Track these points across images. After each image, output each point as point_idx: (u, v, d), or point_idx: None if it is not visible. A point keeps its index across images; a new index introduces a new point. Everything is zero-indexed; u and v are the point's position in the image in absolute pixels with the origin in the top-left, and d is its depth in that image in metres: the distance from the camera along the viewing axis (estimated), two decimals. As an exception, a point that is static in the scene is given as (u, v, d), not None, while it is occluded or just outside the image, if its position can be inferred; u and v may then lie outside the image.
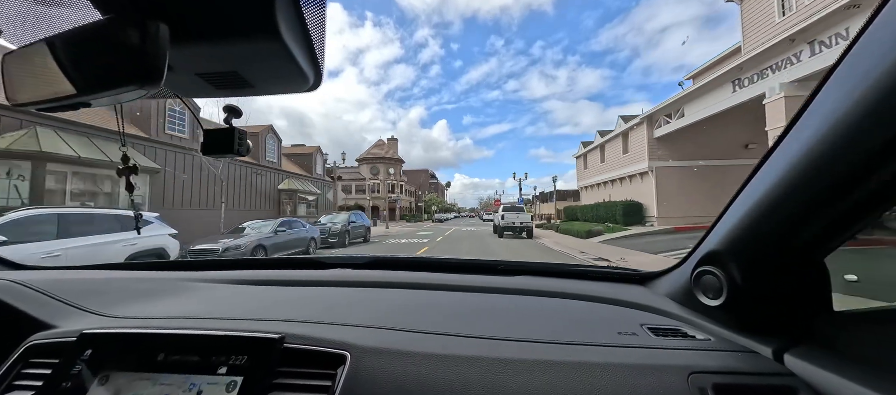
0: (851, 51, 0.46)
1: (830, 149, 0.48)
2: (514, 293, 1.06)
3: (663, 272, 1.03)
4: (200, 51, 0.45)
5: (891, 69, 0.40)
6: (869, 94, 0.43)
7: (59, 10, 0.44)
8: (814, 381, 0.55)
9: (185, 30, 0.41)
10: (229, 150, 0.70)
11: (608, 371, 0.63)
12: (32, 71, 0.44)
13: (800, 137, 0.53)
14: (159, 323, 0.83)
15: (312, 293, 1.05)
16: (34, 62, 0.43)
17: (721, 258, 0.73)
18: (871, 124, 0.43)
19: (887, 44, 0.41)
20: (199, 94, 0.57)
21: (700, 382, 0.60)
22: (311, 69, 0.49)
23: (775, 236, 0.62)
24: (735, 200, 0.69)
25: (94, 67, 0.41)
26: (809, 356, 0.58)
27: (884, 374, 0.49)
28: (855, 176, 0.48)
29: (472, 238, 17.54)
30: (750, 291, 0.69)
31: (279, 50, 0.43)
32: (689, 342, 0.73)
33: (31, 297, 0.91)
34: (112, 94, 0.41)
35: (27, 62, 0.44)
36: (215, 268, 1.34)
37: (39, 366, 0.73)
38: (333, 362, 0.67)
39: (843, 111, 0.46)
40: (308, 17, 0.44)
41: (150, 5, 0.40)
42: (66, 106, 0.45)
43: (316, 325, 0.77)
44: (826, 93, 0.50)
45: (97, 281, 1.12)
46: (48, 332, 0.80)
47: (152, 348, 0.69)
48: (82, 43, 0.41)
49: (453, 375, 0.63)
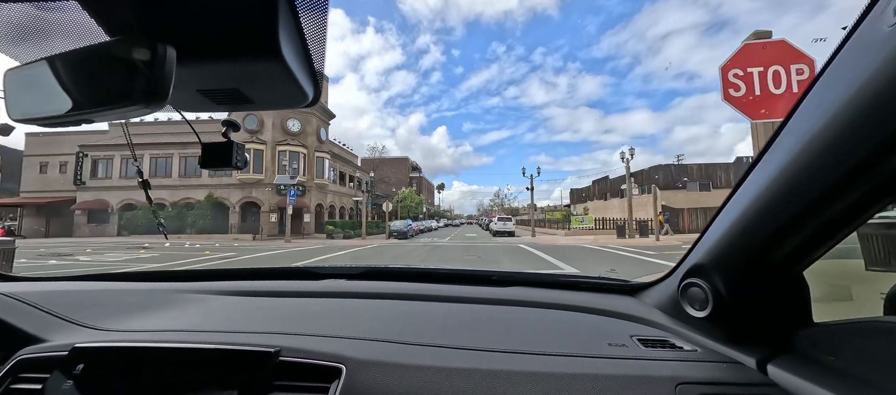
0: (824, 73, 0.49)
1: (806, 168, 0.51)
2: (507, 304, 1.06)
3: (652, 284, 1.03)
4: (203, 69, 0.46)
5: (858, 96, 0.43)
6: (842, 117, 0.45)
7: (63, 30, 0.44)
8: (796, 392, 0.57)
9: (190, 49, 0.42)
10: (227, 163, 0.69)
11: (598, 382, 0.64)
12: (35, 88, 0.44)
13: (778, 155, 0.56)
14: (152, 337, 0.82)
15: (307, 305, 1.06)
16: (37, 80, 0.43)
17: (706, 271, 0.74)
18: (845, 146, 0.46)
19: (855, 70, 0.44)
20: (199, 109, 0.57)
21: (687, 392, 0.62)
22: (310, 86, 0.51)
23: (756, 249, 0.64)
24: (719, 213, 0.71)
25: (99, 86, 0.42)
26: (791, 367, 0.60)
27: (860, 385, 0.52)
28: (830, 194, 0.51)
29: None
30: (734, 303, 0.71)
31: (280, 69, 0.44)
32: (676, 353, 0.74)
33: (22, 310, 0.89)
34: (115, 111, 0.41)
35: (30, 80, 0.44)
36: (209, 279, 1.32)
37: (29, 381, 0.71)
38: (329, 375, 0.67)
39: (817, 132, 0.49)
40: (309, 37, 0.45)
41: (157, 28, 0.41)
42: (67, 123, 0.45)
43: (311, 337, 0.77)
44: (802, 113, 0.53)
45: (90, 293, 1.12)
46: (39, 346, 0.79)
47: (146, 362, 0.68)
48: (88, 62, 0.42)
49: (448, 387, 0.64)
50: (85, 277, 1.33)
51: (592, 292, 1.14)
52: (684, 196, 26.31)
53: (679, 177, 27.98)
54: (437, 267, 1.40)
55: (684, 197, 26.16)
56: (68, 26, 0.43)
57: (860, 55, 0.44)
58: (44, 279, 1.23)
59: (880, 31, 0.41)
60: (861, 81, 0.43)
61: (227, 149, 0.68)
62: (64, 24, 0.43)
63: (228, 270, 1.39)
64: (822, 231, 0.57)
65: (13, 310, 0.87)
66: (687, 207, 24.73)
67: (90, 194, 27.13)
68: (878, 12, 0.41)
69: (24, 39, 0.44)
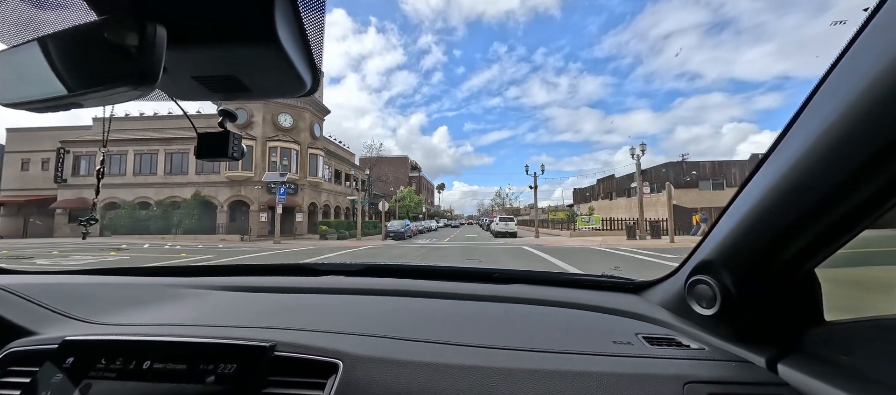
0: (832, 72, 0.49)
1: (817, 164, 0.51)
2: (508, 302, 1.03)
3: (657, 281, 1.02)
4: (197, 54, 0.45)
5: (865, 96, 0.43)
6: (849, 116, 0.45)
7: (51, 10, 0.43)
8: (808, 391, 0.56)
9: (183, 33, 0.41)
10: (224, 153, 0.68)
11: (603, 381, 0.62)
12: (23, 71, 0.43)
13: (787, 153, 0.55)
14: (146, 330, 0.81)
15: (305, 301, 1.04)
16: (25, 63, 0.42)
17: (714, 268, 0.73)
18: (853, 145, 0.46)
19: (862, 70, 0.44)
20: (194, 97, 0.56)
21: (695, 392, 0.61)
22: (308, 73, 0.50)
23: (767, 246, 0.63)
24: (727, 209, 0.70)
25: (87, 68, 0.40)
26: (802, 366, 0.59)
27: (874, 385, 0.51)
28: (841, 191, 0.50)
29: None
30: (743, 300, 0.69)
31: (277, 55, 0.43)
32: (683, 352, 0.73)
33: (12, 302, 0.88)
34: (104, 94, 0.41)
35: (17, 63, 0.43)
36: (205, 274, 1.31)
37: (18, 375, 0.71)
38: (325, 370, 0.66)
39: (825, 130, 0.48)
40: (307, 23, 0.44)
41: (147, 7, 0.40)
42: (57, 107, 0.44)
43: (308, 333, 0.76)
44: (812, 109, 0.52)
45: (83, 287, 1.11)
46: (29, 338, 0.78)
47: (138, 356, 0.66)
48: (76, 43, 0.40)
49: (447, 384, 0.62)
50: (80, 271, 1.33)
51: (595, 289, 1.13)
52: (697, 195, 25.07)
53: (690, 175, 26.78)
54: (436, 265, 1.37)
55: (696, 196, 24.92)
56: (55, 5, 0.42)
57: (868, 56, 0.44)
58: (39, 273, 1.23)
59: (889, 34, 0.41)
60: (868, 81, 0.43)
61: (224, 139, 0.67)
62: (51, 4, 0.42)
63: (225, 266, 1.37)
64: (830, 229, 0.55)
65: (4, 302, 0.87)
66: (700, 206, 23.45)
67: (72, 193, 25.81)
68: (886, 14, 0.42)
69: (11, 22, 0.43)
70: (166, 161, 25.75)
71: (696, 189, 25.95)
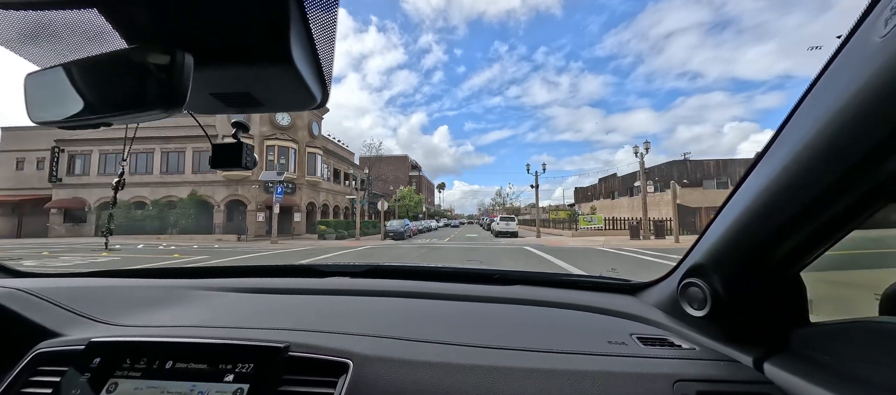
0: (820, 80, 0.51)
1: (803, 171, 0.53)
2: (509, 303, 1.06)
3: (652, 283, 1.04)
4: (217, 73, 0.48)
5: (851, 103, 0.45)
6: (836, 122, 0.47)
7: (83, 35, 0.45)
8: (791, 390, 0.59)
9: (205, 56, 0.43)
10: (238, 163, 0.71)
11: (598, 379, 0.65)
12: (55, 92, 0.45)
13: (776, 158, 0.57)
14: (166, 331, 0.84)
15: (313, 302, 1.07)
16: (57, 84, 0.44)
17: (705, 271, 0.76)
18: (839, 150, 0.47)
19: (848, 78, 0.45)
20: (211, 111, 0.59)
21: (684, 389, 0.63)
22: (318, 89, 0.53)
23: (755, 249, 0.66)
24: (718, 214, 0.72)
25: (118, 91, 0.43)
26: (787, 366, 0.62)
27: (854, 383, 0.54)
28: (825, 196, 0.52)
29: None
30: (732, 302, 0.72)
31: (291, 73, 0.46)
32: (675, 352, 0.75)
33: (37, 305, 0.91)
34: (134, 116, 0.44)
35: (50, 83, 0.45)
36: (216, 275, 1.35)
37: (47, 374, 0.73)
38: (336, 370, 0.69)
39: (813, 136, 0.50)
40: (318, 42, 0.47)
41: (175, 35, 0.43)
42: (86, 125, 0.46)
43: (319, 333, 0.79)
44: (798, 118, 0.54)
45: (101, 289, 1.14)
46: (56, 340, 0.81)
47: (160, 356, 0.70)
48: (108, 67, 0.43)
49: (451, 382, 0.65)
50: (100, 273, 1.38)
51: (593, 290, 1.15)
52: (701, 194, 24.64)
53: (694, 174, 26.39)
54: (439, 266, 1.40)
55: (701, 195, 24.49)
56: (88, 31, 0.44)
57: (852, 64, 0.45)
58: (58, 276, 1.26)
59: (872, 42, 0.43)
60: (854, 88, 0.44)
61: (238, 150, 0.70)
62: (84, 29, 0.44)
63: (234, 267, 1.42)
64: (818, 233, 0.58)
65: (30, 305, 0.90)
66: (705, 205, 23.04)
67: (66, 192, 25.49)
68: (870, 23, 0.44)
69: (45, 43, 0.45)
70: (162, 160, 25.38)
71: (700, 188, 25.56)
